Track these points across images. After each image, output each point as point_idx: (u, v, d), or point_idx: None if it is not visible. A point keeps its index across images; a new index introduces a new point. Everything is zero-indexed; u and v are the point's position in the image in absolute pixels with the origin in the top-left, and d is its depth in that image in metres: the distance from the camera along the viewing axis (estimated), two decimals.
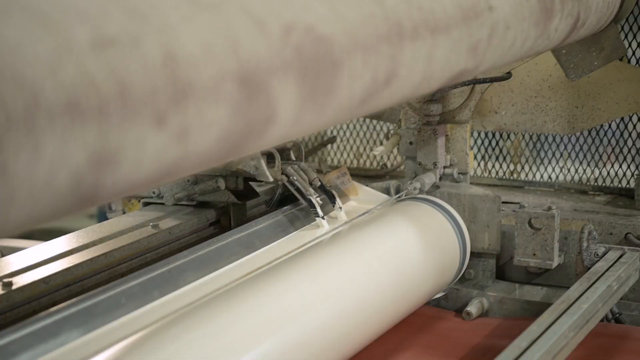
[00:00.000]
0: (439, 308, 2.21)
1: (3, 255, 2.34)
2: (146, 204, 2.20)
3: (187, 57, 0.81)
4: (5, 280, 1.69)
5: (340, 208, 2.06)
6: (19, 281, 1.72)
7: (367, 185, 2.26)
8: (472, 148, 2.36)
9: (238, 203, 2.15)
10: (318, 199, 2.03)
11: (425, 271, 2.00)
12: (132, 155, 0.75)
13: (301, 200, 2.03)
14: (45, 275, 1.76)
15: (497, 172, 2.59)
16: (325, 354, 1.66)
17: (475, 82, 2.21)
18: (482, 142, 2.60)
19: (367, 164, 2.80)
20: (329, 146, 2.82)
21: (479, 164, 2.59)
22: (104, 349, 1.41)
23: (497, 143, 2.59)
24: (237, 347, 1.49)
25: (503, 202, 2.23)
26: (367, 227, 1.99)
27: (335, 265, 1.80)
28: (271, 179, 2.05)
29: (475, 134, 2.58)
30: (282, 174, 2.06)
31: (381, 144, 2.61)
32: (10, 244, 2.79)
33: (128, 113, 0.74)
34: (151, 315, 1.55)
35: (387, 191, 2.26)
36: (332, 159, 2.83)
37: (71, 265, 1.83)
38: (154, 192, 2.17)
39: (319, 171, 2.69)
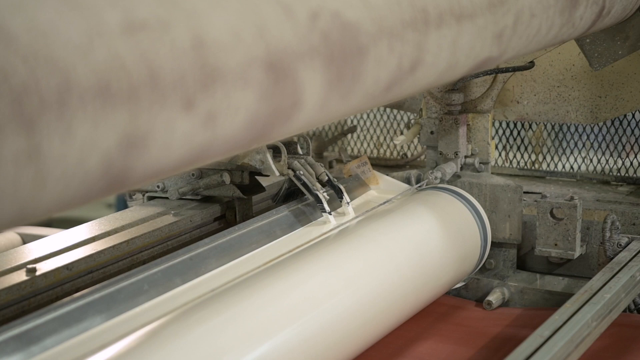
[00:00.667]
0: (459, 297, 2.21)
1: (25, 243, 2.36)
2: (150, 198, 2.15)
3: (215, 42, 0.81)
4: (29, 266, 1.70)
5: (348, 203, 2.01)
6: (43, 267, 1.73)
7: (387, 175, 2.26)
8: (493, 138, 2.36)
9: (243, 198, 2.10)
10: (325, 194, 1.98)
11: (446, 260, 2.00)
12: (161, 139, 0.76)
13: (307, 195, 1.98)
14: (68, 262, 1.77)
15: (518, 163, 2.58)
16: (347, 341, 1.66)
17: (497, 71, 2.20)
18: (504, 132, 2.59)
19: (388, 153, 2.80)
20: (349, 136, 2.81)
21: (500, 154, 2.58)
22: (127, 334, 1.42)
23: (518, 133, 2.58)
24: (259, 333, 1.49)
25: (524, 192, 2.23)
26: (388, 216, 1.99)
27: (356, 253, 1.80)
28: (277, 173, 2.00)
29: (497, 124, 2.57)
30: (289, 168, 2.00)
31: (402, 133, 2.60)
32: (31, 232, 2.81)
33: (157, 97, 0.74)
34: (173, 302, 1.55)
35: (407, 181, 2.26)
36: (353, 149, 2.83)
37: (94, 252, 1.83)
38: (158, 186, 2.12)
39: (338, 160, 2.70)
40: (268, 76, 0.87)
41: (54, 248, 1.83)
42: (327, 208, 1.96)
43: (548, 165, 2.55)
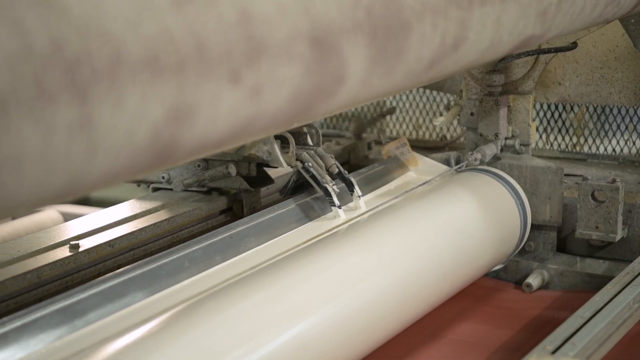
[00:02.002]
0: (498, 280, 2.21)
1: (65, 221, 2.39)
2: (155, 189, 2.09)
3: (261, 16, 0.82)
4: (73, 242, 1.73)
5: (359, 197, 1.92)
6: (86, 244, 1.75)
7: (426, 156, 2.25)
8: (534, 120, 2.34)
9: (250, 190, 2.03)
10: (335, 187, 1.88)
11: (485, 242, 1.99)
12: (207, 111, 0.77)
13: (316, 188, 1.88)
14: (111, 239, 1.80)
15: (559, 145, 2.56)
16: (385, 321, 1.67)
17: (539, 52, 2.18)
18: (545, 114, 2.58)
19: (427, 135, 2.79)
20: (388, 117, 2.81)
21: (540, 137, 2.56)
22: (168, 309, 1.44)
23: (560, 115, 2.56)
24: (298, 311, 1.50)
25: (565, 175, 2.21)
26: (427, 198, 1.99)
27: (395, 234, 1.80)
28: (285, 165, 1.92)
29: (538, 106, 2.55)
30: (297, 159, 1.90)
31: (441, 115, 2.59)
32: (71, 210, 2.85)
33: (204, 69, 0.75)
34: (213, 279, 1.57)
35: (447, 162, 2.25)
36: (391, 130, 2.83)
37: (135, 229, 1.86)
38: (163, 177, 2.05)
39: (377, 142, 2.70)
40: (312, 51, 0.87)
41: (96, 225, 1.85)
42: (336, 202, 1.86)
43: (589, 148, 2.52)
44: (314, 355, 1.48)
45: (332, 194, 1.86)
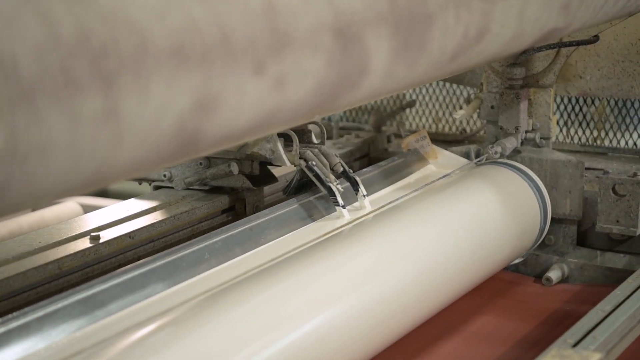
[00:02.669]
0: (517, 273, 2.20)
1: (85, 213, 2.40)
2: (157, 188, 2.05)
3: (286, 7, 0.82)
4: (93, 234, 1.74)
5: (365, 196, 1.87)
6: (106, 235, 1.76)
7: (446, 150, 2.25)
8: (554, 113, 2.33)
9: (253, 189, 2.00)
10: (339, 186, 1.84)
11: (504, 235, 1.98)
12: (232, 102, 0.77)
13: (320, 187, 1.84)
14: (131, 230, 1.80)
15: (579, 139, 2.55)
16: (405, 313, 1.67)
17: (560, 45, 2.17)
18: (565, 108, 2.56)
19: (446, 128, 2.78)
20: (408, 110, 2.80)
21: (561, 130, 2.55)
22: (188, 300, 1.44)
23: (580, 109, 2.55)
24: (319, 303, 1.50)
25: (585, 169, 2.20)
26: (447, 190, 1.99)
27: (414, 226, 1.80)
28: (288, 164, 1.88)
29: (558, 99, 2.54)
30: (301, 158, 1.86)
31: (461, 108, 2.58)
32: (90, 202, 2.86)
33: (229, 60, 0.75)
34: (233, 271, 1.57)
35: (467, 155, 2.24)
36: (411, 123, 2.82)
37: (155, 221, 1.86)
38: (164, 175, 2.01)
39: (397, 135, 2.69)
40: (336, 42, 0.87)
41: (116, 217, 1.86)
42: (340, 201, 1.82)
43: (610, 142, 2.51)
44: (332, 348, 1.48)
45: (336, 193, 1.82)
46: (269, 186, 2.06)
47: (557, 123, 2.47)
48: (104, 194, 3.23)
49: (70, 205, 2.77)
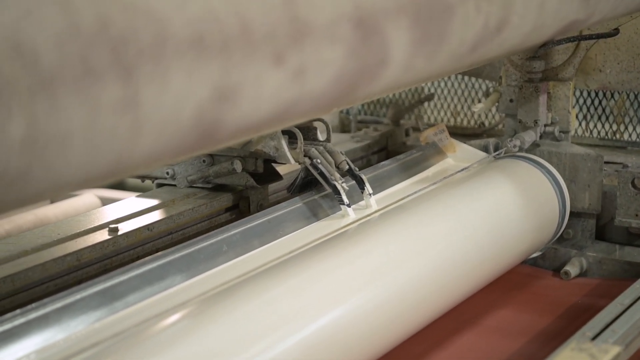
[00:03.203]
0: (535, 267, 2.19)
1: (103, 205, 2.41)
2: (160, 185, 2.03)
3: None
4: (112, 226, 1.74)
5: (370, 195, 1.84)
6: (124, 228, 1.76)
7: (465, 143, 2.24)
8: (573, 107, 2.31)
9: (257, 187, 1.97)
10: (344, 184, 1.81)
11: (523, 229, 1.98)
12: (251, 92, 0.76)
13: (324, 185, 1.81)
14: (149, 223, 1.81)
15: (599, 132, 2.54)
16: (422, 307, 1.66)
17: (580, 38, 2.16)
18: (584, 101, 2.55)
19: (465, 122, 2.77)
20: (426, 104, 2.80)
21: (580, 124, 2.54)
22: (206, 292, 1.44)
23: (600, 102, 2.53)
24: (335, 295, 1.50)
25: (605, 163, 2.19)
26: (465, 184, 1.98)
27: (433, 220, 1.79)
28: (292, 162, 1.84)
29: (577, 93, 2.52)
30: (305, 155, 1.83)
31: (479, 102, 2.57)
32: (108, 195, 2.87)
33: (249, 50, 0.75)
34: (251, 263, 1.57)
35: (485, 149, 2.24)
36: (429, 117, 2.82)
37: (174, 213, 1.86)
38: (167, 173, 1.99)
39: (415, 129, 2.68)
40: (356, 33, 0.87)
41: (135, 209, 1.86)
42: (345, 200, 1.79)
43: (630, 136, 2.49)
44: (347, 342, 1.48)
45: (341, 191, 1.79)
46: (275, 184, 2.03)
47: (577, 117, 2.46)
48: (121, 186, 3.24)
49: (88, 197, 2.78)
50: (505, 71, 2.28)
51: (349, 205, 1.78)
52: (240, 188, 1.99)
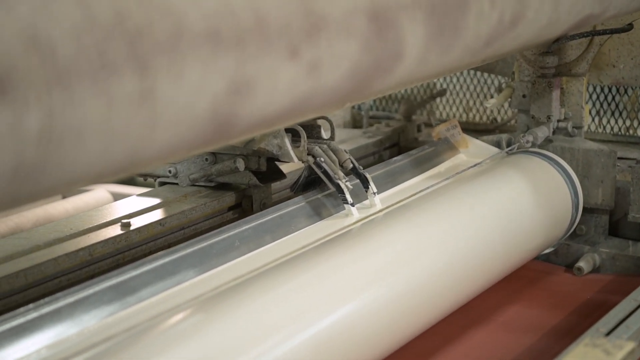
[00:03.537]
0: (548, 263, 2.18)
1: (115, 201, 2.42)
2: (162, 184, 2.01)
3: None
4: (124, 221, 1.74)
5: (375, 194, 1.81)
6: (137, 223, 1.77)
7: (477, 139, 2.23)
8: (587, 102, 2.31)
9: (260, 185, 1.94)
10: (348, 183, 1.77)
11: (536, 225, 1.97)
12: (266, 86, 0.76)
13: (328, 184, 1.78)
14: (161, 218, 1.81)
15: (612, 128, 2.53)
16: (435, 302, 1.66)
17: (594, 33, 2.14)
18: (598, 97, 2.54)
19: (477, 118, 2.77)
20: (438, 99, 2.79)
21: (593, 120, 2.53)
22: (218, 287, 1.44)
23: (613, 98, 2.52)
24: (347, 291, 1.50)
25: (618, 158, 2.18)
26: (478, 179, 1.97)
27: (445, 215, 1.79)
28: (296, 160, 1.82)
29: (590, 89, 2.51)
30: (308, 154, 1.80)
31: (492, 97, 2.57)
32: (120, 190, 2.87)
33: (264, 44, 0.75)
34: (263, 258, 1.57)
35: (498, 144, 2.23)
36: (441, 113, 2.81)
37: (185, 209, 1.87)
38: (170, 171, 1.97)
39: (427, 124, 2.68)
40: (371, 26, 0.87)
41: (147, 205, 1.86)
42: (349, 199, 1.76)
43: None
44: (359, 338, 1.48)
45: (345, 190, 1.76)
46: (279, 182, 2.01)
47: (590, 112, 2.45)
48: (132, 182, 3.24)
49: (100, 193, 2.79)
50: (518, 66, 2.27)
51: (352, 205, 1.76)
52: (243, 187, 1.96)
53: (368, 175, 1.83)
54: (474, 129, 2.63)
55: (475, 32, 1.04)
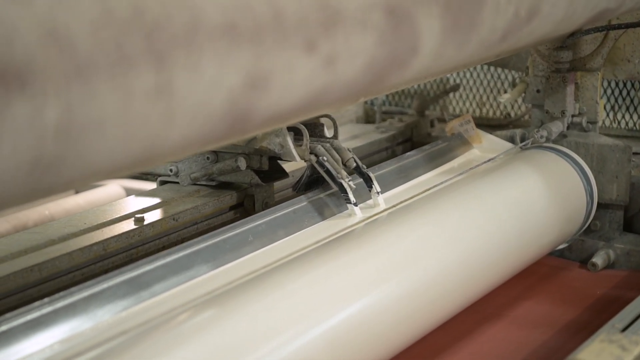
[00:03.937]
0: (562, 258, 2.18)
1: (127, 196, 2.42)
2: (163, 183, 1.98)
3: None
4: (138, 216, 1.75)
5: (378, 193, 1.79)
6: (150, 217, 1.77)
7: (491, 134, 2.23)
8: (601, 97, 2.29)
9: (262, 184, 1.92)
10: (351, 182, 1.75)
11: (550, 220, 1.96)
12: (282, 80, 0.76)
13: (331, 183, 1.76)
14: (175, 213, 1.81)
15: (627, 123, 2.52)
16: (449, 296, 1.66)
17: (609, 27, 2.13)
18: (612, 92, 2.53)
19: (490, 113, 2.76)
20: (451, 94, 2.78)
21: (607, 115, 2.52)
22: (232, 282, 1.44)
23: (628, 93, 2.51)
24: (359, 287, 1.50)
25: (633, 154, 2.17)
26: (492, 175, 1.97)
27: (460, 210, 1.78)
28: (298, 159, 1.79)
29: (605, 84, 2.50)
30: (311, 153, 1.78)
31: (505, 92, 2.56)
32: (132, 185, 2.88)
33: (280, 38, 0.74)
34: (276, 253, 1.57)
35: (512, 140, 2.22)
36: (455, 108, 2.80)
37: (199, 204, 1.86)
38: (171, 170, 1.94)
39: (440, 119, 2.67)
40: (387, 20, 0.86)
41: (160, 199, 1.86)
42: (352, 199, 1.74)
43: None
44: (372, 334, 1.48)
45: (348, 190, 1.74)
46: (281, 181, 1.98)
47: (604, 107, 2.43)
48: (145, 177, 3.23)
49: (113, 187, 2.79)
50: (533, 61, 2.26)
51: (355, 204, 1.74)
52: (245, 186, 1.94)
53: (372, 175, 1.81)
54: (487, 124, 2.62)
55: (491, 26, 1.03)
